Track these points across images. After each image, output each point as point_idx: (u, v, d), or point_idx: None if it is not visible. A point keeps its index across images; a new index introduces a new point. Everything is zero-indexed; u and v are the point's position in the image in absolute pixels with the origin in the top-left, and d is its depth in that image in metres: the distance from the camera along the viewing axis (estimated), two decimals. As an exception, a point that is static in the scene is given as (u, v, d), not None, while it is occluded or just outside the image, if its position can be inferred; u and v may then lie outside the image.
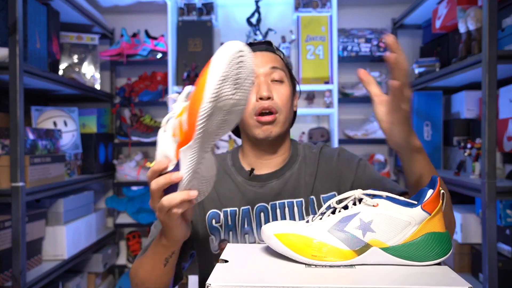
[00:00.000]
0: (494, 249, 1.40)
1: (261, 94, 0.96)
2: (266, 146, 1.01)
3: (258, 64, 0.99)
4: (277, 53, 1.05)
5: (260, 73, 0.99)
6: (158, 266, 0.84)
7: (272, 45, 1.06)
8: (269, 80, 0.99)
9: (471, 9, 1.64)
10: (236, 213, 0.99)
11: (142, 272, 0.87)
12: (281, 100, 0.98)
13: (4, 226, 1.59)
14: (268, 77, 0.99)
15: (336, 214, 0.66)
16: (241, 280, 0.57)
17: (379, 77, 2.45)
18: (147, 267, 0.86)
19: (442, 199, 0.64)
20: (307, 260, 0.64)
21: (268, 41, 1.06)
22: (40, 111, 2.03)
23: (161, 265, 0.84)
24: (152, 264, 0.85)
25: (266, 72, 0.99)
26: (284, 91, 1.00)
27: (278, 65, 1.01)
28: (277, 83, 1.00)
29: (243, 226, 0.98)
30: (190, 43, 2.47)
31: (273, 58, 1.02)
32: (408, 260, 0.63)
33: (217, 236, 0.99)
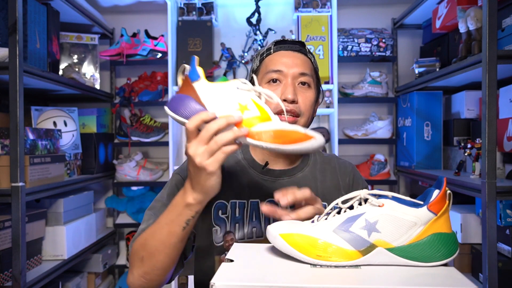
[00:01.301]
0: (494, 249, 1.41)
1: (286, 96, 0.96)
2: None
3: (289, 64, 1.00)
4: (308, 56, 1.05)
5: (289, 74, 0.99)
6: (176, 231, 0.81)
7: (305, 46, 1.06)
8: (296, 82, 1.00)
9: (471, 9, 1.65)
10: (244, 205, 0.99)
11: (153, 242, 0.84)
12: (304, 104, 0.99)
13: (4, 226, 1.58)
14: (295, 80, 1.00)
15: (341, 214, 0.66)
16: (245, 280, 0.57)
17: (379, 77, 2.45)
18: (161, 235, 0.82)
19: (449, 200, 0.64)
20: (312, 260, 0.64)
21: (301, 42, 1.06)
22: (40, 111, 2.03)
23: (180, 229, 0.81)
24: (169, 229, 0.81)
25: (294, 74, 0.99)
26: (309, 95, 1.00)
27: (308, 70, 1.01)
28: (304, 87, 1.00)
29: (251, 220, 0.98)
30: (190, 43, 2.47)
31: (304, 61, 1.02)
32: (413, 261, 0.63)
33: (222, 228, 0.98)
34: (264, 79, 1.01)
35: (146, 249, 0.84)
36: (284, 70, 0.99)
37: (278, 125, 0.73)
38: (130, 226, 2.53)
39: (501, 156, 1.70)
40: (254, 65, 1.09)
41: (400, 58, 2.57)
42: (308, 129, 0.76)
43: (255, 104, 0.75)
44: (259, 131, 0.73)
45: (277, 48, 1.04)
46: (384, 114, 2.63)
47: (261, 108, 0.75)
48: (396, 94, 2.51)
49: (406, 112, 2.33)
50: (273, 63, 1.01)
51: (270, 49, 1.04)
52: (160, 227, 0.83)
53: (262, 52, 1.06)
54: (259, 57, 1.07)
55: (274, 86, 1.00)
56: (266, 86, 1.01)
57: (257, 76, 1.05)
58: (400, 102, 2.44)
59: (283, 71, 0.99)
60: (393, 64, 2.56)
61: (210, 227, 0.98)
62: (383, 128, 2.46)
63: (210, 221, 0.98)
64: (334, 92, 2.36)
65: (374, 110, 2.59)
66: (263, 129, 0.73)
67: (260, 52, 1.08)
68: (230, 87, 0.76)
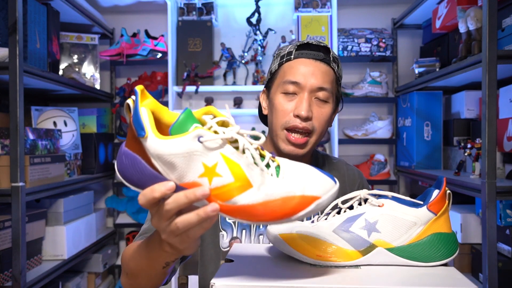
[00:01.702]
0: (494, 249, 1.41)
1: (299, 112, 0.90)
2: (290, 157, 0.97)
3: (307, 74, 0.91)
4: (332, 65, 0.95)
5: (307, 87, 0.91)
6: (156, 267, 0.71)
7: (329, 53, 0.95)
8: (312, 97, 0.92)
9: (471, 9, 1.65)
10: None
11: (135, 266, 0.75)
12: (318, 121, 0.93)
13: (4, 226, 1.58)
14: (312, 94, 0.92)
15: (341, 214, 0.66)
16: (245, 280, 0.57)
17: (379, 77, 2.45)
18: (142, 264, 0.73)
19: (449, 200, 0.64)
20: (312, 261, 0.64)
21: (326, 47, 0.96)
22: (40, 111, 2.03)
23: (159, 266, 0.71)
24: (148, 263, 0.72)
25: (312, 88, 0.92)
26: (324, 111, 0.94)
27: (328, 84, 0.93)
28: (320, 102, 0.93)
29: (258, 227, 0.95)
30: (190, 43, 2.47)
31: (325, 73, 0.93)
32: (413, 261, 0.63)
33: (229, 233, 0.96)
34: (280, 88, 0.95)
35: (130, 267, 0.77)
36: (301, 82, 0.91)
37: (261, 196, 0.54)
38: (130, 226, 2.53)
39: (501, 156, 1.70)
40: (272, 66, 1.01)
41: (400, 58, 2.57)
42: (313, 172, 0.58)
43: (227, 162, 0.54)
44: (235, 207, 0.54)
45: (299, 54, 0.95)
46: (384, 114, 2.63)
47: (235, 169, 0.54)
48: (396, 94, 2.51)
49: (406, 112, 2.33)
50: (291, 73, 0.93)
51: (291, 54, 0.95)
52: (141, 257, 0.73)
53: (283, 54, 0.97)
54: (279, 59, 0.98)
55: (289, 97, 0.94)
56: (280, 96, 0.95)
57: (274, 81, 0.98)
58: (400, 102, 2.44)
59: (301, 83, 0.92)
60: (393, 64, 2.56)
61: (217, 231, 0.96)
62: (383, 128, 2.46)
63: (217, 225, 0.96)
64: (334, 92, 2.35)
65: (374, 110, 2.59)
66: (241, 203, 0.54)
67: (280, 54, 0.99)
68: (190, 141, 0.53)
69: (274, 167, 0.57)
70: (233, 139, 0.55)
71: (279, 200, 0.54)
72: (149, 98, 0.57)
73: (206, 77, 2.46)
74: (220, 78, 2.55)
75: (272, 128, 0.96)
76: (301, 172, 0.57)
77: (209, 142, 0.53)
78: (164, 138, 0.54)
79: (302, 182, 0.56)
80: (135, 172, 0.56)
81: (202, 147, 0.53)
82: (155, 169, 0.55)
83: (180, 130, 0.54)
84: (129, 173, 0.57)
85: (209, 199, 0.55)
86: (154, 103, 0.57)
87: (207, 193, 0.53)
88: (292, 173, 0.57)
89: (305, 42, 0.96)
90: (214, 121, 0.56)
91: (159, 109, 0.58)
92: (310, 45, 0.95)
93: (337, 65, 0.97)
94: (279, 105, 0.95)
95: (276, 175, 0.56)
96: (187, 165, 0.54)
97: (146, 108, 0.55)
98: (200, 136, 0.53)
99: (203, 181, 0.54)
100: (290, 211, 0.54)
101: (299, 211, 0.54)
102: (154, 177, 0.55)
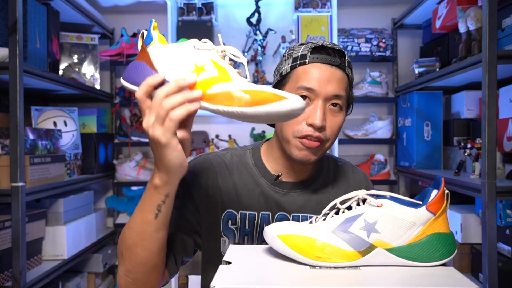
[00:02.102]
0: (494, 249, 1.41)
1: (313, 122, 0.86)
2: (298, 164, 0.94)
3: (323, 81, 0.87)
4: (346, 71, 0.91)
5: (322, 94, 0.87)
6: (148, 219, 0.73)
7: (345, 57, 0.91)
8: (327, 104, 0.89)
9: (471, 9, 1.65)
10: (255, 217, 0.93)
11: (129, 235, 0.76)
12: (332, 130, 0.89)
13: (4, 226, 1.58)
14: (327, 102, 0.88)
15: (340, 215, 0.66)
16: (245, 282, 0.57)
17: (379, 77, 2.45)
18: (135, 225, 0.75)
19: (447, 200, 0.64)
20: (311, 262, 0.64)
21: (342, 51, 0.92)
22: (40, 111, 2.03)
23: (152, 216, 0.73)
24: (141, 218, 0.74)
25: (328, 95, 0.87)
26: (338, 120, 0.90)
27: (343, 91, 0.89)
28: (334, 111, 0.90)
29: (261, 234, 0.93)
30: (190, 43, 2.47)
31: (341, 79, 0.89)
32: (413, 261, 0.63)
33: (231, 239, 0.94)
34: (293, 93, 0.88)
35: (125, 242, 0.77)
36: (317, 89, 0.87)
37: (239, 84, 0.64)
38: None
39: (501, 156, 1.69)
40: (283, 68, 0.94)
41: (400, 58, 2.57)
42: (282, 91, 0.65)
43: (214, 64, 0.66)
44: (215, 93, 0.64)
45: (314, 58, 0.89)
46: (384, 114, 2.63)
47: (220, 68, 0.66)
48: (396, 94, 2.51)
49: (406, 112, 2.33)
50: (306, 78, 0.88)
51: (305, 57, 0.90)
52: (134, 216, 0.76)
53: (296, 56, 0.92)
54: (291, 61, 0.93)
55: None
56: None
57: (286, 84, 0.93)
58: (400, 102, 2.44)
59: (316, 90, 0.87)
60: (393, 64, 2.56)
61: (219, 237, 0.94)
62: (383, 128, 2.46)
63: (219, 230, 0.94)
64: (334, 92, 2.35)
65: (374, 110, 2.59)
66: (220, 90, 0.64)
67: (293, 55, 0.93)
68: (186, 47, 0.68)
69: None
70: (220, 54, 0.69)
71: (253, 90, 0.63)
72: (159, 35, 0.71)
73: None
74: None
75: (282, 134, 0.92)
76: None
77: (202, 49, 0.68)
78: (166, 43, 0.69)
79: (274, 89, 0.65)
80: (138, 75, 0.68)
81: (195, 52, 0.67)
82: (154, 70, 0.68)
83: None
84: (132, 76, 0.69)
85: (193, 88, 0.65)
86: (163, 38, 0.72)
87: (194, 79, 0.65)
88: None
89: (320, 44, 0.91)
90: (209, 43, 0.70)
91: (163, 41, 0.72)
92: (325, 48, 0.90)
93: (351, 70, 0.94)
94: None
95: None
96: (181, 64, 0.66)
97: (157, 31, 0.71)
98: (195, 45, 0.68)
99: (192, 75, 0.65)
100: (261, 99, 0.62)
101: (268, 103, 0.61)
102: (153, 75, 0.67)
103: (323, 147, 0.90)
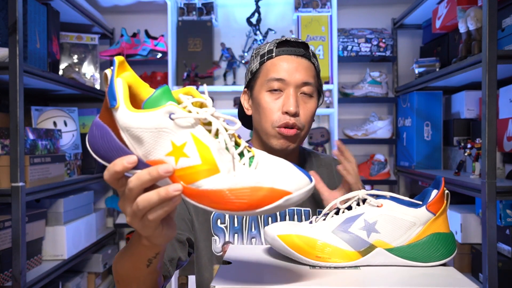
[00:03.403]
0: (494, 249, 1.41)
1: (288, 109, 0.92)
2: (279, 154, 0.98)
3: (292, 71, 0.93)
4: (312, 60, 0.98)
5: (292, 82, 0.93)
6: (140, 267, 0.68)
7: (309, 48, 0.98)
8: (298, 92, 0.95)
9: (471, 9, 1.65)
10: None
11: (122, 271, 0.72)
12: (306, 116, 0.95)
13: (4, 226, 1.58)
14: (298, 89, 0.94)
15: (340, 215, 0.66)
16: (245, 282, 0.57)
17: (379, 77, 2.45)
18: (127, 265, 0.70)
19: (447, 199, 0.64)
20: (311, 262, 0.64)
21: (305, 43, 0.98)
22: (40, 111, 2.03)
23: (143, 266, 0.68)
24: (133, 264, 0.69)
25: (297, 83, 0.94)
26: (310, 106, 0.96)
27: (311, 79, 0.95)
28: (306, 97, 0.96)
29: (250, 230, 0.96)
30: (190, 43, 2.47)
31: (308, 68, 0.96)
32: (413, 261, 0.63)
33: (221, 237, 0.96)
34: (265, 86, 0.96)
35: (118, 274, 0.74)
36: (286, 78, 0.93)
37: (227, 182, 0.51)
38: (130, 226, 2.52)
39: (501, 156, 1.69)
40: (252, 66, 1.01)
41: (400, 58, 2.57)
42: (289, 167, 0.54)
43: (196, 143, 0.51)
44: (198, 190, 0.52)
45: (280, 51, 0.96)
46: (384, 114, 2.63)
47: (204, 151, 0.51)
48: (396, 94, 2.51)
49: (406, 112, 2.33)
50: (275, 70, 0.94)
51: (272, 51, 0.97)
52: (126, 258, 0.71)
53: (263, 53, 0.98)
54: (259, 58, 0.99)
55: (275, 95, 0.95)
56: (266, 94, 0.96)
57: (256, 81, 0.99)
58: (400, 102, 2.44)
59: (286, 79, 0.93)
60: (393, 64, 2.56)
61: (210, 236, 0.96)
62: (383, 128, 2.46)
63: (209, 230, 0.96)
64: (334, 92, 2.36)
65: (374, 110, 2.59)
66: (205, 188, 0.51)
67: (260, 53, 0.99)
68: (160, 117, 0.51)
69: (248, 157, 0.54)
70: (207, 121, 0.53)
71: (245, 189, 0.51)
72: (129, 71, 0.55)
73: (206, 77, 2.46)
74: (220, 78, 2.55)
75: (261, 127, 0.97)
76: (275, 165, 0.54)
77: (181, 120, 0.51)
78: (135, 110, 0.52)
79: (274, 174, 0.52)
80: (103, 144, 0.54)
81: (172, 124, 0.51)
82: (123, 143, 0.53)
83: (154, 106, 0.52)
84: (97, 145, 0.55)
85: (174, 179, 0.52)
86: (133, 77, 0.55)
87: (170, 171, 0.51)
88: (265, 165, 0.54)
89: (284, 39, 0.97)
90: (190, 101, 0.53)
91: (138, 84, 0.56)
92: (289, 41, 0.97)
93: (316, 60, 1.00)
94: (266, 104, 0.96)
95: (248, 165, 0.53)
96: (155, 141, 0.52)
97: (122, 80, 0.53)
98: (171, 113, 0.51)
99: (169, 160, 0.51)
100: (255, 203, 0.51)
101: (265, 205, 0.51)
102: (121, 151, 0.53)
103: (300, 135, 0.96)
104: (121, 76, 0.54)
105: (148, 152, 0.52)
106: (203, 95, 0.55)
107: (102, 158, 0.55)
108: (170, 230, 0.60)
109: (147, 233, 0.57)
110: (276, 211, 0.53)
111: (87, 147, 0.57)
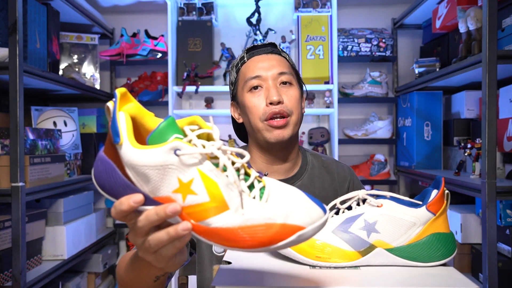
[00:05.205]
0: (494, 249, 1.40)
1: (271, 99, 0.96)
2: (277, 151, 1.01)
3: (265, 67, 0.99)
4: (282, 55, 1.04)
5: (268, 76, 0.98)
6: (147, 281, 0.68)
7: (276, 46, 1.05)
8: (277, 83, 0.99)
9: (471, 9, 1.65)
10: None
11: (127, 278, 0.72)
12: (291, 102, 0.98)
13: (4, 226, 1.58)
14: (276, 81, 0.99)
15: (339, 215, 0.66)
16: (245, 282, 0.57)
17: (379, 77, 2.45)
18: (133, 276, 0.70)
19: (447, 200, 0.64)
20: (311, 262, 0.64)
21: (272, 43, 1.05)
22: (40, 111, 2.03)
23: (150, 280, 0.68)
24: (140, 277, 0.69)
25: (274, 75, 0.99)
26: (293, 93, 1.00)
27: (285, 69, 1.01)
28: (286, 86, 1.00)
29: None
30: (190, 43, 2.47)
31: (280, 60, 1.01)
32: (413, 261, 0.63)
33: None
34: (245, 88, 1.01)
35: (123, 280, 0.74)
36: (262, 74, 0.99)
37: (237, 220, 0.49)
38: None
39: (501, 156, 1.69)
40: (231, 77, 1.07)
41: (400, 58, 2.57)
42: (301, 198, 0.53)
43: (204, 180, 0.50)
44: (209, 229, 0.50)
45: (250, 55, 1.03)
46: (384, 114, 2.63)
47: (212, 188, 0.50)
48: (396, 94, 2.51)
49: (406, 112, 2.33)
50: (250, 70, 1.00)
51: (244, 58, 1.04)
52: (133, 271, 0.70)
53: (237, 63, 1.06)
54: (235, 68, 1.06)
55: (256, 92, 0.99)
56: (248, 95, 1.00)
57: (237, 88, 1.04)
58: (400, 102, 2.44)
59: (262, 75, 0.99)
60: (393, 64, 2.56)
61: None
62: (383, 128, 2.46)
63: None
64: (334, 92, 2.36)
65: (374, 110, 2.59)
66: (216, 226, 0.50)
67: (234, 64, 1.07)
68: (166, 154, 0.49)
69: (258, 189, 0.52)
70: (214, 155, 0.51)
71: (256, 226, 0.49)
72: (132, 102, 0.54)
73: (206, 77, 2.46)
74: (220, 78, 2.55)
75: (252, 126, 1.00)
76: (287, 197, 0.52)
77: (186, 156, 0.49)
78: (139, 147, 0.50)
79: (286, 208, 0.50)
80: (108, 180, 0.52)
81: (178, 161, 0.49)
82: (128, 179, 0.51)
83: (159, 140, 0.51)
84: (103, 180, 0.53)
85: (182, 217, 0.51)
86: (137, 108, 0.54)
87: (177, 211, 0.49)
88: (277, 197, 0.52)
89: (252, 45, 1.05)
90: (195, 134, 0.51)
91: (142, 115, 0.54)
92: (257, 45, 1.05)
93: (287, 55, 1.06)
94: (250, 102, 1.00)
95: (259, 198, 0.51)
96: (161, 178, 0.50)
97: (125, 113, 0.51)
98: (177, 149, 0.49)
99: (176, 197, 0.50)
100: (267, 240, 0.49)
101: (278, 242, 0.49)
102: (127, 187, 0.51)
103: (290, 122, 0.98)
104: (124, 109, 0.52)
105: (155, 189, 0.51)
106: (209, 124, 0.54)
107: (108, 193, 0.54)
108: (182, 256, 0.59)
109: (160, 266, 0.57)
110: (290, 247, 0.51)
111: (93, 182, 0.55)
